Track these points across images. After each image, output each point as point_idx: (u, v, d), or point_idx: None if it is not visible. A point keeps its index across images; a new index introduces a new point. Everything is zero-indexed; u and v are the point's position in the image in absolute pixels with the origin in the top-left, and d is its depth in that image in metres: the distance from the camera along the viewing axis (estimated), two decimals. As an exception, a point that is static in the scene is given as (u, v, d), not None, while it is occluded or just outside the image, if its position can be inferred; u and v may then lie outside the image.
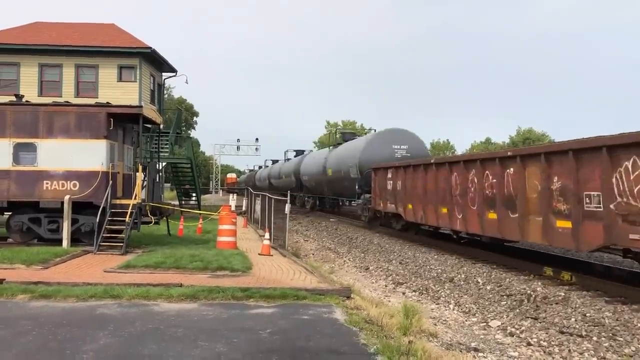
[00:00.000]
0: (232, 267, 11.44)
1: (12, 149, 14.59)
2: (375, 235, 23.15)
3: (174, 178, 36.28)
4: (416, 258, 16.41)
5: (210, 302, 8.64)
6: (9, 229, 15.23)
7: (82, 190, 14.51)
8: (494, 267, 14.31)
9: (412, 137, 28.64)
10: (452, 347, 7.52)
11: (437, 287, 12.35)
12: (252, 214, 27.73)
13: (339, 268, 15.25)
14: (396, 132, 28.90)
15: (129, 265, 11.57)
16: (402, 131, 28.95)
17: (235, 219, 15.79)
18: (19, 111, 14.82)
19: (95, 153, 14.59)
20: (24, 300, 8.63)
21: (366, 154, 27.74)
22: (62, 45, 28.57)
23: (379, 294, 11.61)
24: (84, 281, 9.72)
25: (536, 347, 7.92)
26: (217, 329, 7.12)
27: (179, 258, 12.18)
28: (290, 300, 8.82)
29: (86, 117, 14.77)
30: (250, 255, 13.80)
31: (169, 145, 32.03)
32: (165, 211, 16.97)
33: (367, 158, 27.25)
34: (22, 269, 11.23)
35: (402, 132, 28.90)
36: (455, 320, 9.49)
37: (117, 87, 28.37)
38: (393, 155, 27.05)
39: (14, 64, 28.49)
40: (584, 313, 9.51)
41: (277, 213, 17.92)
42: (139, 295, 8.80)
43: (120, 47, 28.99)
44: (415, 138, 28.74)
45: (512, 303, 10.54)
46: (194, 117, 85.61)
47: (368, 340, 6.61)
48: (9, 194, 14.55)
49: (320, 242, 22.09)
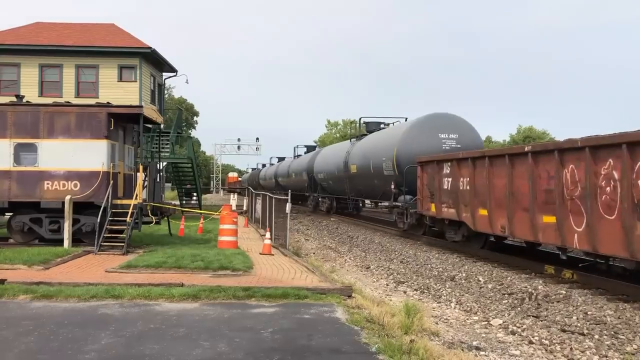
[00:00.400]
0: (233, 266, 11.43)
1: (13, 150, 14.58)
2: (377, 235, 23.15)
3: (174, 178, 36.28)
4: (417, 257, 16.40)
5: (211, 302, 8.64)
6: (10, 229, 15.23)
7: (83, 191, 14.51)
8: (495, 266, 14.31)
9: (463, 125, 22.10)
10: (453, 345, 7.51)
11: (439, 285, 12.35)
12: (253, 213, 27.73)
13: (340, 267, 15.25)
14: (442, 117, 22.29)
15: (130, 265, 11.57)
16: (450, 117, 22.37)
17: (236, 219, 15.79)
18: (20, 111, 14.81)
19: (96, 153, 14.59)
20: (25, 300, 8.64)
21: (405, 145, 21.75)
22: (63, 45, 28.58)
23: (380, 292, 11.60)
24: (85, 281, 9.72)
25: (538, 346, 7.91)
26: (219, 328, 7.13)
27: (180, 258, 12.18)
28: (291, 299, 8.82)
29: (87, 117, 14.77)
30: (252, 254, 13.80)
31: (169, 145, 32.03)
32: (166, 211, 16.96)
33: (407, 151, 21.43)
34: (24, 269, 11.23)
35: (450, 117, 22.34)
36: (456, 319, 9.48)
37: (118, 87, 28.37)
38: (440, 146, 21.06)
39: (15, 65, 28.50)
40: (585, 311, 9.51)
41: (278, 212, 17.92)
42: (140, 295, 8.81)
43: (121, 47, 29.00)
44: (467, 126, 22.18)
45: (514, 301, 10.54)
46: (195, 116, 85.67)
47: (369, 339, 6.60)
48: (10, 195, 14.55)
49: (321, 241, 22.09)
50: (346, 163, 29.60)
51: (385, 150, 23.60)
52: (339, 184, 32.19)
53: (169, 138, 32.02)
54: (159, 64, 31.78)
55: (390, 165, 22.63)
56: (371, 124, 29.82)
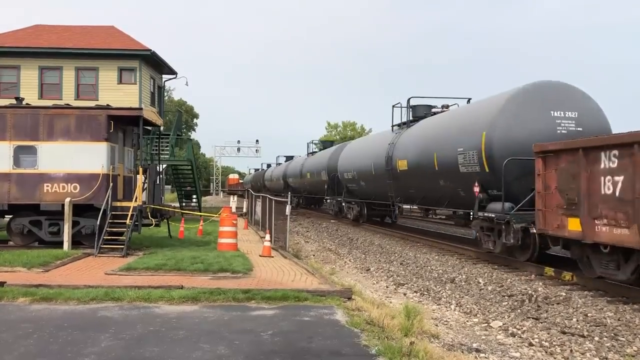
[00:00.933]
0: (233, 268, 11.43)
1: (13, 152, 14.59)
2: (376, 236, 23.12)
3: (174, 180, 36.29)
4: (417, 259, 16.40)
5: (211, 304, 8.64)
6: (9, 231, 15.23)
7: (83, 193, 14.51)
8: (495, 268, 14.30)
9: (583, 99, 15.15)
10: (453, 348, 7.51)
11: (439, 287, 12.34)
12: (253, 215, 27.71)
13: (339, 269, 15.24)
14: (554, 88, 15.24)
15: (130, 268, 11.56)
16: (565, 88, 15.29)
17: (235, 221, 15.79)
18: (19, 114, 14.82)
19: (96, 155, 14.59)
20: (24, 303, 8.63)
21: (501, 128, 14.83)
22: (62, 48, 28.57)
23: (380, 295, 11.60)
24: (85, 284, 9.72)
25: (538, 348, 7.90)
26: (219, 331, 7.12)
27: (180, 260, 12.18)
28: (291, 301, 8.81)
29: (86, 119, 14.77)
30: (251, 256, 13.80)
31: (169, 147, 32.03)
32: (165, 213, 16.96)
33: (504, 136, 14.71)
34: (23, 271, 11.22)
35: (565, 89, 15.25)
36: (456, 321, 9.48)
37: (117, 90, 28.36)
38: (553, 129, 14.50)
39: (14, 67, 28.49)
40: (585, 313, 9.51)
41: (278, 214, 17.92)
42: (140, 298, 8.80)
43: (120, 49, 29.00)
44: (588, 101, 15.20)
45: (514, 303, 10.53)
46: (194, 119, 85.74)
47: (369, 342, 6.60)
48: (10, 197, 14.55)
49: (321, 243, 22.08)
50: (389, 158, 22.39)
51: (463, 137, 16.45)
52: (375, 185, 24.83)
53: (169, 140, 32.03)
54: (158, 66, 31.79)
55: (475, 158, 15.72)
56: (420, 108, 22.10)
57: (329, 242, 22.22)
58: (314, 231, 27.29)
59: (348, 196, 29.99)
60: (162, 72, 33.27)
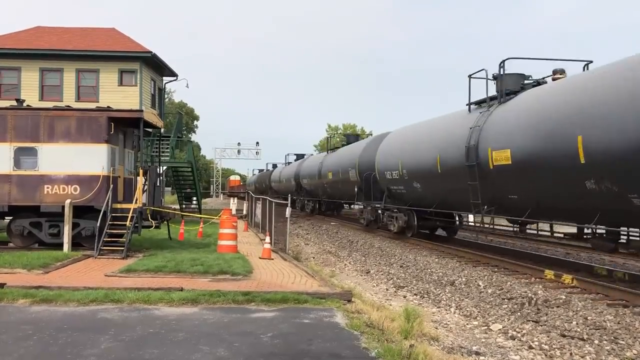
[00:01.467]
0: (233, 271, 11.43)
1: (13, 154, 14.60)
2: (376, 239, 23.11)
3: (174, 182, 36.30)
4: (417, 261, 16.39)
5: (211, 306, 8.64)
6: (9, 233, 15.23)
7: (83, 195, 14.52)
8: (495, 270, 14.29)
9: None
10: (453, 350, 7.51)
11: (438, 290, 12.34)
12: (253, 217, 27.72)
13: (339, 271, 15.24)
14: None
15: (129, 270, 11.56)
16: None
17: (235, 223, 15.79)
18: (20, 115, 14.84)
19: (96, 157, 14.61)
20: (24, 304, 8.63)
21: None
22: (63, 49, 28.59)
23: (380, 297, 11.59)
24: (85, 285, 9.72)
25: (537, 351, 7.90)
26: (218, 333, 7.12)
27: (180, 262, 12.18)
28: (291, 304, 8.81)
29: (87, 121, 14.79)
30: (251, 259, 13.80)
31: (169, 149, 32.06)
32: (165, 215, 16.96)
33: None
34: (23, 273, 11.22)
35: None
36: (456, 324, 9.48)
37: (118, 92, 28.38)
38: None
39: (15, 69, 28.51)
40: (585, 316, 9.50)
41: (278, 217, 17.92)
42: (139, 300, 8.81)
43: (121, 51, 29.03)
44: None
45: (513, 306, 10.52)
46: (195, 121, 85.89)
47: (369, 344, 6.60)
48: (10, 198, 14.56)
49: (321, 245, 22.07)
50: (473, 148, 15.28)
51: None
52: (442, 188, 17.99)
53: (169, 142, 32.05)
54: (159, 68, 31.81)
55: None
56: (511, 78, 15.55)
57: (329, 245, 22.21)
58: (313, 233, 27.27)
59: (391, 202, 23.11)
60: (162, 74, 33.28)
